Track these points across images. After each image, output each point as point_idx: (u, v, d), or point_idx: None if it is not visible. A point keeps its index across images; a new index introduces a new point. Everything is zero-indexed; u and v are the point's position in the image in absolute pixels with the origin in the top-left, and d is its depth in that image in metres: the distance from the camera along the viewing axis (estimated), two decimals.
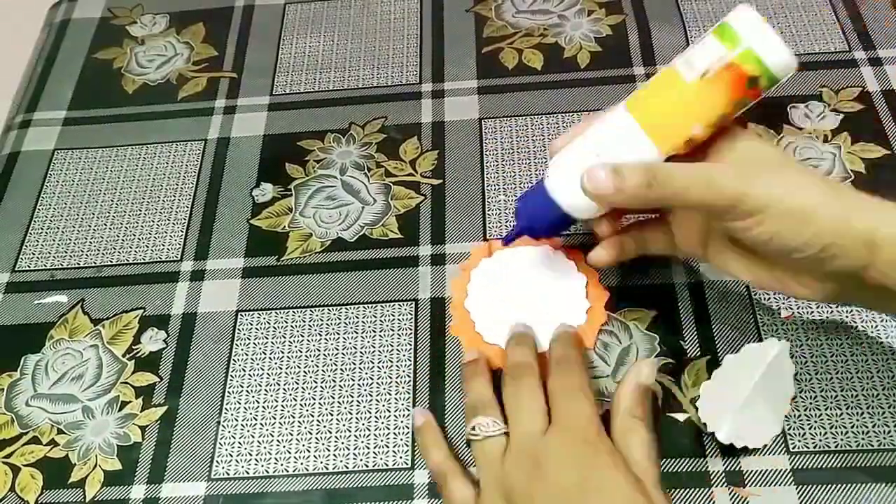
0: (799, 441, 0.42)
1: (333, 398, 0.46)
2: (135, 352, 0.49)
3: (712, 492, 0.41)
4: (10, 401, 0.48)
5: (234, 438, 0.45)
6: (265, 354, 0.48)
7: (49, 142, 0.60)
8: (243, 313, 0.50)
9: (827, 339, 0.45)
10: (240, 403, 0.47)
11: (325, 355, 0.48)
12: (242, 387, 0.47)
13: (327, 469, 0.44)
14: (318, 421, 0.45)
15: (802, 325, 0.46)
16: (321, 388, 0.47)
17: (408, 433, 0.45)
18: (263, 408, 0.46)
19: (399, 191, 0.54)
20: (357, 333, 0.48)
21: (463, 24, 0.64)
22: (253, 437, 0.45)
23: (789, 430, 0.43)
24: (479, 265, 0.50)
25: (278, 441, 0.45)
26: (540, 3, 0.64)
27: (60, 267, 0.53)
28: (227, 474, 0.44)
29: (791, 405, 0.43)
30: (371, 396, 0.46)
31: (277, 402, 0.46)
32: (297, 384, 0.47)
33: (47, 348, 0.50)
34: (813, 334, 0.45)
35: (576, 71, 0.59)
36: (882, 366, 0.44)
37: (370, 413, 0.45)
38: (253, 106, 0.60)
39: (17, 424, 0.47)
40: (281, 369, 0.48)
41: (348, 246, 0.52)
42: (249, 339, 0.49)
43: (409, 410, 0.45)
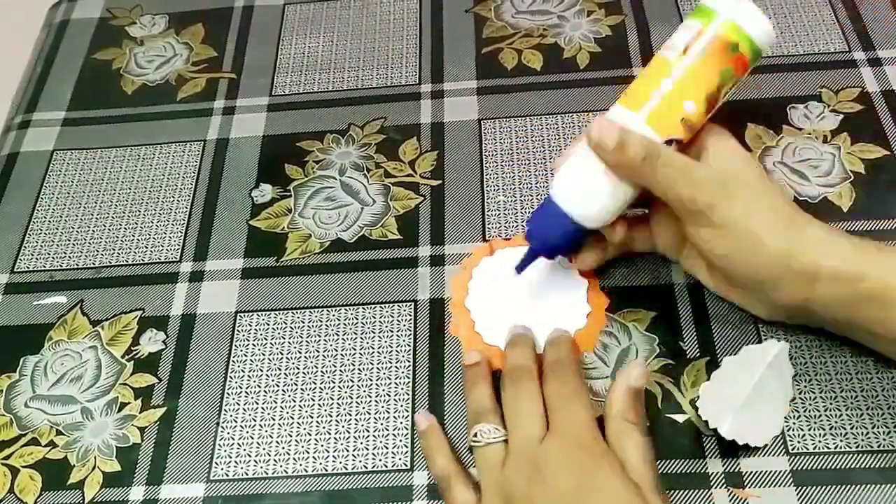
0: (798, 442, 0.42)
1: (332, 399, 0.46)
2: (134, 353, 0.49)
3: (712, 493, 0.41)
4: (8, 402, 0.48)
5: (233, 439, 0.45)
6: (264, 355, 0.48)
7: (48, 142, 0.60)
8: (242, 314, 0.50)
9: (826, 340, 0.45)
10: (239, 404, 0.46)
11: (324, 356, 0.48)
12: (241, 388, 0.47)
13: (326, 470, 0.44)
14: (318, 422, 0.45)
15: (802, 326, 0.45)
16: (320, 389, 0.47)
17: (407, 434, 0.45)
18: (262, 409, 0.46)
19: (398, 191, 0.54)
20: (356, 334, 0.48)
21: (462, 24, 0.63)
22: (252, 439, 0.45)
23: (788, 431, 0.42)
24: (481, 263, 0.50)
25: (277, 442, 0.45)
26: (539, 3, 0.64)
27: (59, 268, 0.53)
28: (226, 475, 0.44)
29: (790, 406, 0.43)
30: (370, 398, 0.46)
31: (276, 403, 0.46)
32: (297, 385, 0.47)
33: (46, 349, 0.50)
34: (812, 335, 0.45)
35: (575, 71, 0.59)
36: (881, 367, 0.44)
37: (369, 414, 0.45)
38: (252, 106, 0.60)
39: (15, 426, 0.47)
40: (280, 370, 0.48)
41: (348, 247, 0.52)
42: (248, 341, 0.49)
43: (408, 412, 0.45)
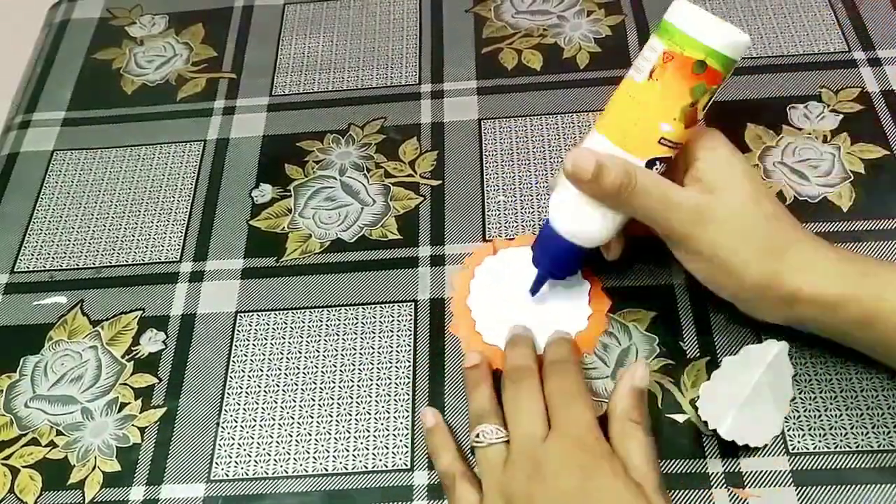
0: (798, 442, 0.42)
1: (332, 399, 0.46)
2: (134, 353, 0.49)
3: (712, 493, 0.41)
4: (9, 402, 0.48)
5: (233, 440, 0.45)
6: (264, 356, 0.48)
7: (48, 142, 0.60)
8: (242, 314, 0.50)
9: (826, 340, 0.45)
10: (239, 404, 0.46)
11: (324, 356, 0.48)
12: (241, 388, 0.47)
13: (326, 470, 0.44)
14: (318, 422, 0.45)
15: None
16: (320, 389, 0.47)
17: (407, 434, 0.45)
18: (262, 409, 0.46)
19: (398, 191, 0.54)
20: (356, 334, 0.48)
21: (462, 24, 0.63)
22: (252, 439, 0.45)
23: (789, 430, 0.42)
24: (484, 263, 0.50)
25: (277, 442, 0.45)
26: (539, 3, 0.64)
27: (59, 268, 0.53)
28: (227, 475, 0.44)
29: (790, 406, 0.43)
30: (370, 398, 0.46)
31: (276, 403, 0.46)
32: (297, 385, 0.47)
33: (46, 349, 0.50)
34: (812, 335, 0.45)
35: (575, 71, 0.59)
36: (881, 366, 0.43)
37: (369, 414, 0.45)
38: (252, 106, 0.60)
39: (16, 426, 0.47)
40: (280, 370, 0.48)
41: (348, 247, 0.52)
42: (249, 341, 0.49)
43: (408, 412, 0.45)
